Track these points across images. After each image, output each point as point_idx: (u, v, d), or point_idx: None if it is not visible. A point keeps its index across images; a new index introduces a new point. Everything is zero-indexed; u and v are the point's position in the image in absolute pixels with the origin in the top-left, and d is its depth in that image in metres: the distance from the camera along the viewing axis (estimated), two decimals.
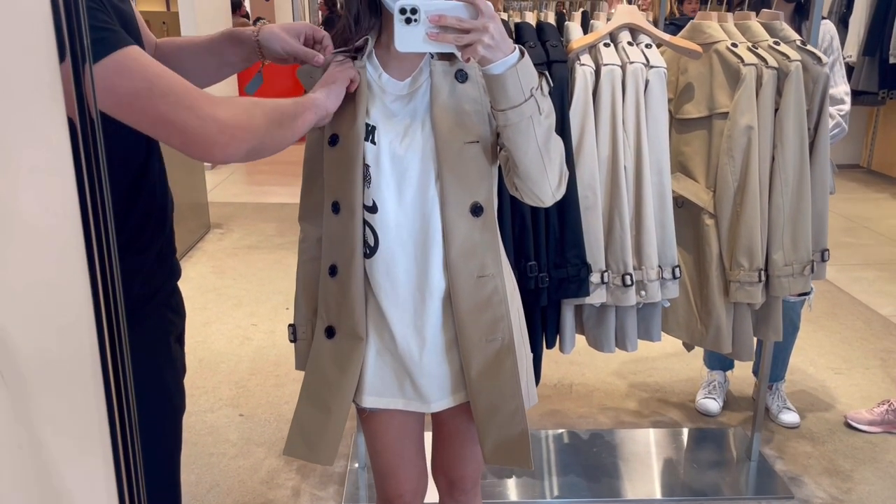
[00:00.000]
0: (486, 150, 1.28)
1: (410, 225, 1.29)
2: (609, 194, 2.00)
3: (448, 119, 1.25)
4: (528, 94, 1.15)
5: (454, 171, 1.26)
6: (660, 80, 1.95)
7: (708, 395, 2.78)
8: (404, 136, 1.27)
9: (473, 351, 1.32)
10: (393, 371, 1.37)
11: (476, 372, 1.33)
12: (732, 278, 2.04)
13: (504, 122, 1.17)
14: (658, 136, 1.99)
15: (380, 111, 1.28)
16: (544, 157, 1.21)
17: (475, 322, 1.31)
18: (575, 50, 1.96)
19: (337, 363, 1.37)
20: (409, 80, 1.29)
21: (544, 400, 2.87)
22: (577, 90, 1.94)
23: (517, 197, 1.31)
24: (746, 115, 1.97)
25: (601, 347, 2.15)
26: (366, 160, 1.27)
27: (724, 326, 2.08)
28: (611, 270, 2.02)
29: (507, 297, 1.35)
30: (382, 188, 1.28)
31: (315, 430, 1.40)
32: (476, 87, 1.27)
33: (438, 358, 1.35)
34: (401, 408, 1.39)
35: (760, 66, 1.96)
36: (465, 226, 1.28)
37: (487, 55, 1.10)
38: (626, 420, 2.77)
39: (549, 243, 2.00)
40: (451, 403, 1.38)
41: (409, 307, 1.32)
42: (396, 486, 1.50)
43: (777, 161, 2.02)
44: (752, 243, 2.01)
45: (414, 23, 1.09)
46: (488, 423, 1.35)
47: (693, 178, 2.11)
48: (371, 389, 1.38)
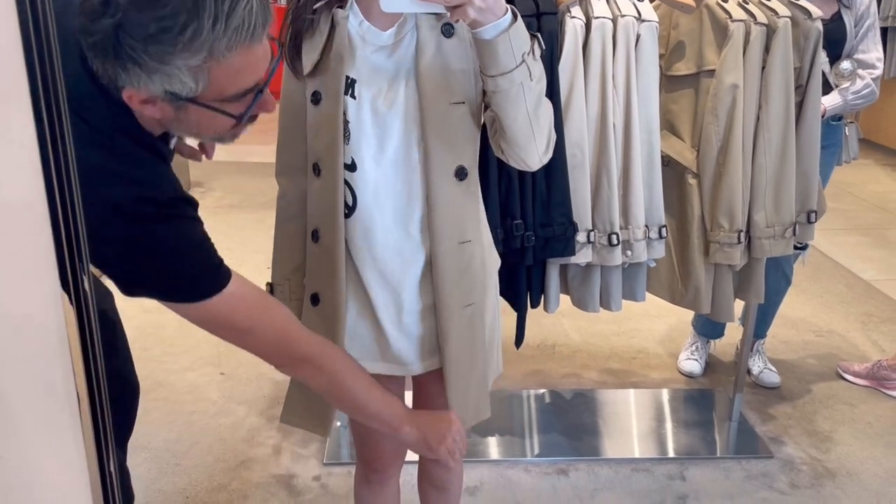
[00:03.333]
0: (473, 111, 1.23)
1: (391, 186, 1.24)
2: (597, 152, 1.97)
3: (434, 77, 1.19)
4: (519, 60, 1.09)
5: (439, 132, 1.20)
6: (651, 34, 1.91)
7: (690, 357, 2.79)
8: (388, 92, 1.21)
9: (452, 317, 1.30)
10: (373, 335, 1.34)
11: (453, 338, 1.31)
12: (712, 239, 2.03)
13: (493, 89, 1.12)
14: (648, 93, 1.95)
15: (361, 63, 1.21)
16: (533, 123, 1.16)
17: (455, 288, 1.29)
18: (565, 2, 1.91)
19: (324, 329, 1.33)
20: (392, 29, 1.22)
21: (527, 360, 2.87)
22: (567, 44, 1.90)
23: (503, 160, 1.26)
24: (732, 73, 1.94)
25: (585, 307, 2.13)
26: (346, 115, 1.21)
27: (703, 287, 2.07)
28: (597, 230, 2.00)
29: (483, 262, 1.33)
30: (362, 146, 1.22)
31: (310, 400, 1.39)
32: (463, 43, 1.20)
33: (417, 322, 1.32)
34: (381, 372, 1.36)
35: (749, 23, 1.93)
36: (448, 190, 1.24)
37: (478, 18, 1.03)
38: (608, 380, 2.77)
39: (536, 202, 1.97)
40: (431, 367, 1.36)
41: (387, 270, 1.29)
42: (375, 449, 1.50)
43: (762, 121, 2.00)
44: (732, 204, 1.99)
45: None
46: (458, 386, 1.34)
47: (679, 137, 2.09)
48: (352, 354, 1.34)
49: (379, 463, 1.52)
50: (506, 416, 2.53)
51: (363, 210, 1.25)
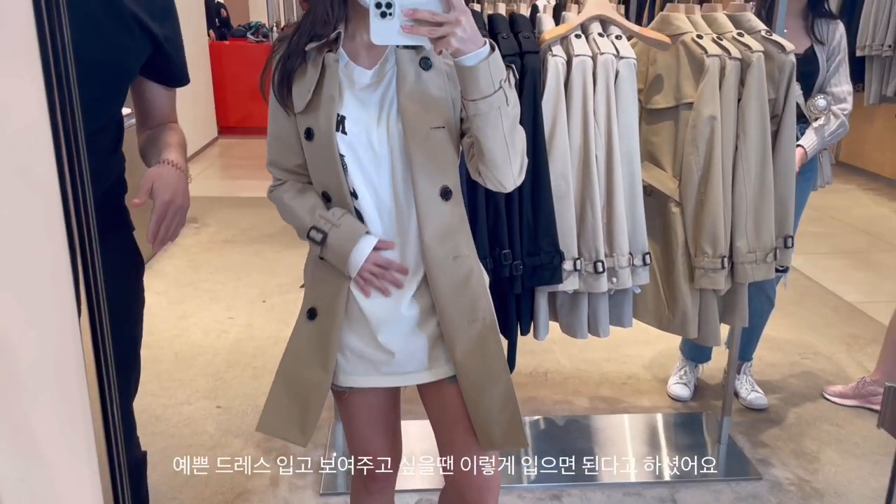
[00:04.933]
0: (452, 135, 1.33)
1: (388, 209, 1.35)
2: (581, 183, 2.04)
3: (414, 105, 1.29)
4: (497, 86, 1.19)
5: (422, 155, 1.30)
6: (629, 70, 1.99)
7: (679, 381, 2.84)
8: (376, 125, 1.30)
9: (457, 332, 1.36)
10: (366, 350, 1.41)
11: (461, 353, 1.37)
12: (697, 265, 2.09)
13: (474, 112, 1.21)
14: (628, 125, 2.03)
15: (349, 101, 1.31)
16: (509, 145, 1.26)
17: (455, 303, 1.36)
18: (547, 41, 2.00)
19: (317, 344, 1.41)
20: (376, 68, 1.33)
21: (520, 388, 2.89)
22: (549, 80, 1.98)
23: (480, 182, 1.35)
24: (710, 105, 2.02)
25: (574, 333, 2.19)
26: (340, 150, 1.30)
27: (690, 312, 2.13)
28: (583, 258, 2.06)
29: (482, 277, 1.41)
30: (359, 175, 1.33)
31: (289, 409, 1.44)
32: (440, 74, 1.31)
33: (413, 333, 1.39)
34: (377, 385, 1.44)
35: (724, 58, 2.01)
36: (437, 209, 1.33)
37: (460, 47, 1.14)
38: (599, 406, 2.82)
39: (523, 231, 2.03)
40: (429, 378, 1.43)
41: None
42: (371, 463, 1.56)
43: (740, 150, 2.07)
44: (715, 231, 2.06)
45: (389, 16, 1.13)
46: (478, 405, 1.38)
47: (661, 168, 2.16)
48: (348, 369, 1.43)
49: (373, 475, 1.56)
50: None
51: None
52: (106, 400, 0.70)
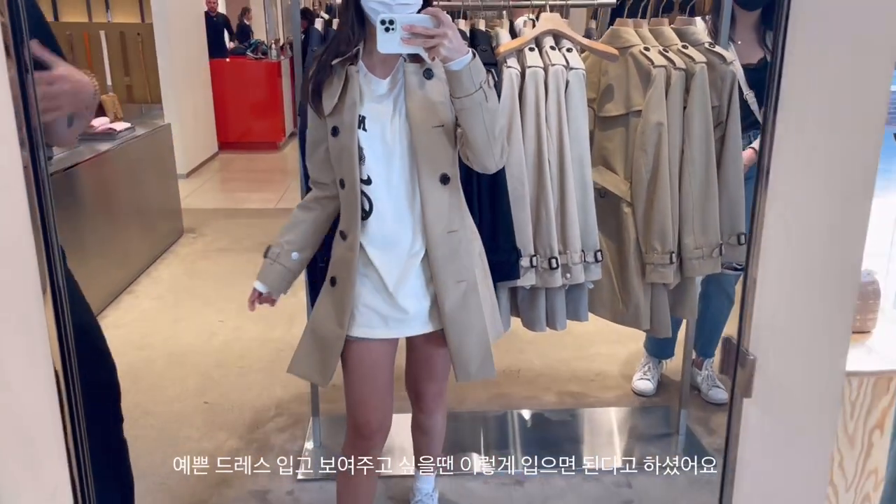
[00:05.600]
0: (449, 132, 1.64)
1: (397, 193, 1.65)
2: (536, 186, 2.19)
3: (420, 109, 1.60)
4: (478, 86, 1.50)
5: (426, 149, 1.61)
6: (579, 80, 2.15)
7: (643, 377, 2.98)
8: (389, 124, 1.62)
9: (447, 291, 1.69)
10: (383, 307, 1.71)
11: (449, 307, 1.70)
12: (647, 261, 2.24)
13: (460, 107, 1.52)
14: (578, 131, 2.18)
15: (367, 104, 1.63)
16: (490, 134, 1.56)
17: (447, 268, 1.68)
18: (502, 54, 2.16)
19: (336, 304, 1.73)
20: (389, 78, 1.64)
21: (492, 384, 3.05)
22: (505, 90, 2.14)
23: (468, 165, 1.65)
24: (656, 112, 2.17)
25: (533, 327, 2.33)
26: (360, 144, 1.61)
27: (642, 305, 2.27)
28: (539, 255, 2.21)
29: (471, 246, 1.74)
30: (374, 165, 1.63)
31: (312, 356, 1.77)
32: (440, 82, 1.60)
33: (417, 293, 1.71)
34: (385, 336, 1.74)
35: (669, 68, 2.17)
36: (436, 192, 1.64)
37: (448, 55, 1.45)
38: (566, 401, 2.95)
39: (483, 231, 2.16)
40: (425, 330, 1.75)
41: (396, 256, 1.68)
42: (366, 415, 1.80)
43: (686, 154, 2.22)
44: (664, 228, 2.21)
45: (392, 31, 1.46)
46: (460, 347, 1.72)
47: (614, 171, 2.31)
48: (362, 323, 1.73)
49: (367, 429, 1.81)
50: (469, 434, 2.70)
51: (378, 213, 1.66)
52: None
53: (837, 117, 0.80)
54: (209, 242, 4.99)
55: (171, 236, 4.93)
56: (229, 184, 6.86)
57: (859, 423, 1.69)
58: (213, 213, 5.70)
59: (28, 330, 0.80)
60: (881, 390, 1.68)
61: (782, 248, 0.81)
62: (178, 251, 4.81)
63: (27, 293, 0.80)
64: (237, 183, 6.83)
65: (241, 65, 8.11)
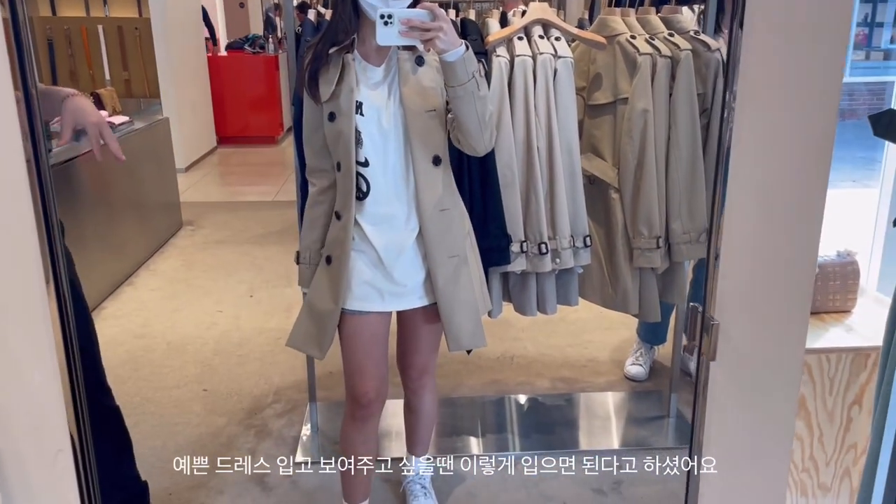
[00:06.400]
0: (441, 116, 1.73)
1: (393, 174, 1.74)
2: (525, 172, 2.23)
3: (413, 94, 1.69)
4: (470, 76, 1.59)
5: (419, 132, 1.70)
6: (566, 69, 2.19)
7: (635, 363, 3.02)
8: (385, 109, 1.70)
9: (439, 267, 1.78)
10: (378, 283, 1.80)
11: (442, 282, 1.79)
12: (635, 245, 2.28)
13: (454, 95, 1.61)
14: (567, 119, 2.22)
15: (364, 91, 1.71)
16: (481, 120, 1.65)
17: (439, 244, 1.77)
18: (491, 43, 2.20)
19: (331, 281, 1.81)
20: (383, 66, 1.73)
21: (486, 371, 3.10)
22: (494, 79, 2.18)
23: (459, 148, 1.74)
24: (642, 99, 2.21)
25: (524, 312, 2.38)
26: (358, 128, 1.70)
27: (631, 290, 2.32)
28: (529, 240, 2.25)
29: (462, 224, 1.84)
30: (371, 148, 1.72)
31: (309, 329, 1.85)
32: (431, 69, 1.71)
33: (412, 268, 1.80)
34: (381, 309, 1.82)
35: (655, 56, 2.21)
36: (429, 173, 1.74)
37: (443, 47, 1.54)
38: (559, 387, 3.00)
39: (474, 217, 2.21)
40: (419, 304, 1.84)
41: (392, 234, 1.77)
42: (363, 384, 1.88)
43: (672, 140, 2.26)
44: (650, 214, 2.25)
45: (390, 24, 1.53)
46: (451, 318, 1.80)
47: (602, 158, 2.35)
48: (359, 296, 1.81)
49: (366, 398, 1.89)
50: (465, 419, 2.75)
51: (376, 193, 1.74)
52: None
53: (794, 98, 0.84)
54: (208, 235, 5.03)
55: (170, 229, 4.98)
56: (228, 177, 6.90)
57: (838, 399, 1.74)
58: (211, 206, 5.75)
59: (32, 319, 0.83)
60: (859, 367, 1.74)
61: (743, 222, 0.86)
62: (176, 244, 4.85)
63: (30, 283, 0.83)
64: (235, 176, 6.87)
65: (240, 59, 8.14)
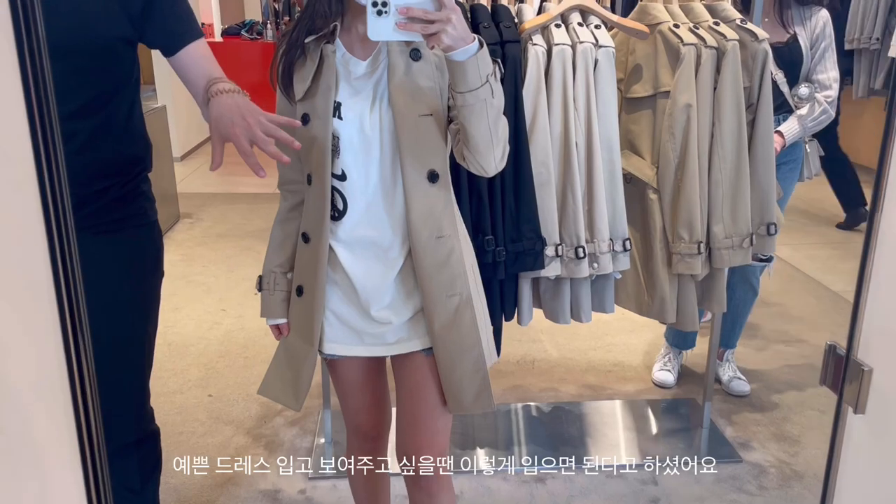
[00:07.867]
0: (440, 122, 1.40)
1: (375, 191, 1.42)
2: (562, 170, 2.08)
3: (404, 95, 1.37)
4: (484, 80, 1.27)
5: (411, 141, 1.38)
6: (608, 59, 2.03)
7: (663, 368, 2.89)
8: (369, 112, 1.39)
9: (436, 306, 1.44)
10: (354, 321, 1.50)
11: (439, 325, 1.45)
12: (674, 250, 2.13)
13: (462, 103, 1.29)
14: (607, 113, 2.07)
15: (345, 89, 1.41)
16: (493, 134, 1.33)
17: (435, 279, 1.44)
18: (527, 30, 2.04)
19: (304, 318, 1.52)
20: (370, 59, 1.41)
21: (508, 376, 2.96)
22: (530, 69, 2.02)
23: (464, 166, 1.41)
24: (685, 93, 2.06)
25: (557, 319, 2.23)
26: (335, 133, 1.40)
27: (668, 297, 2.17)
28: (564, 244, 2.10)
29: (462, 256, 1.48)
30: (350, 159, 1.41)
31: (284, 376, 1.57)
32: (430, 65, 1.39)
33: (395, 305, 1.47)
34: (361, 354, 1.53)
35: (699, 46, 2.05)
36: (423, 191, 1.41)
37: (451, 43, 1.22)
38: (585, 393, 2.86)
39: (506, 218, 2.07)
40: (409, 349, 1.51)
41: (371, 263, 1.45)
42: (361, 424, 1.69)
43: (715, 138, 2.11)
44: (691, 217, 2.10)
45: (384, 14, 1.20)
46: (451, 373, 1.47)
47: (640, 155, 2.20)
48: (333, 338, 1.52)
49: (366, 436, 1.70)
50: (488, 429, 2.61)
51: (353, 213, 1.44)
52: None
53: None
54: (207, 228, 4.86)
55: (167, 221, 4.80)
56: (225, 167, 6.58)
57: None
58: (210, 197, 5.57)
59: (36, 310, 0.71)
60: None
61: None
62: (175, 237, 4.68)
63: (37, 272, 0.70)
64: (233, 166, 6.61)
65: (236, 46, 7.96)
